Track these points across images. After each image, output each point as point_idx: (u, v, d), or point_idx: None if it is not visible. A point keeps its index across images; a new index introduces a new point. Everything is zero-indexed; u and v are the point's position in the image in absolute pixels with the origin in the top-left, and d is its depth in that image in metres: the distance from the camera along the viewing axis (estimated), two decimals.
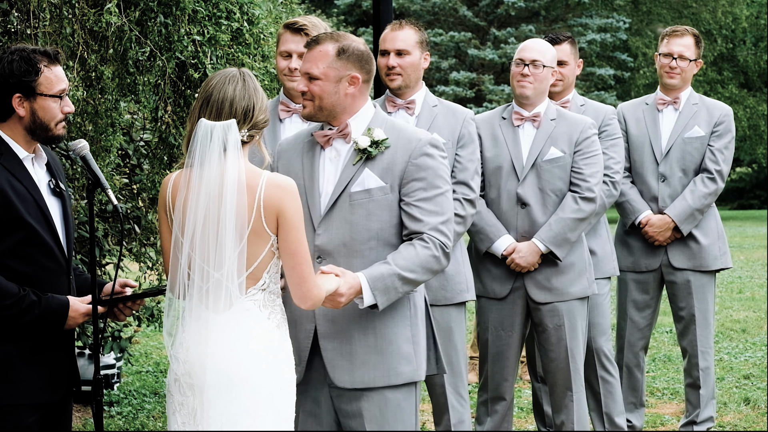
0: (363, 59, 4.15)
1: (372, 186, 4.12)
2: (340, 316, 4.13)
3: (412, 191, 4.12)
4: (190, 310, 3.78)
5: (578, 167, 5.76)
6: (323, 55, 4.11)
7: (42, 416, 4.08)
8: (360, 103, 4.19)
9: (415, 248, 4.09)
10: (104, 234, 7.30)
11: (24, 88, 4.03)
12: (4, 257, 3.98)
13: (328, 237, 4.12)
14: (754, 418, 7.41)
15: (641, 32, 31.64)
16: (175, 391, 3.80)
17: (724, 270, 6.88)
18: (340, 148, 4.19)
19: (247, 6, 5.72)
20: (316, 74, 4.10)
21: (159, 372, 9.25)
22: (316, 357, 4.16)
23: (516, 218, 5.78)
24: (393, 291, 4.05)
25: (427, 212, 4.11)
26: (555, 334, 5.79)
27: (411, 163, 4.12)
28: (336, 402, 4.18)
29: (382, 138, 4.14)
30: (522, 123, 5.82)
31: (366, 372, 4.12)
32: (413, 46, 5.45)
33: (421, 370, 4.20)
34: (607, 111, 6.31)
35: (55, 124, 4.09)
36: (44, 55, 4.07)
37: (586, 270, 5.84)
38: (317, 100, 4.12)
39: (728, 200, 38.10)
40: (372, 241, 4.13)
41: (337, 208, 4.13)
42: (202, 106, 3.77)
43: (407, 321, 4.19)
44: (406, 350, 4.16)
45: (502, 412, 5.93)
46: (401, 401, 4.16)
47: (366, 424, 4.12)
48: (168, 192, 3.83)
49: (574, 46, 6.39)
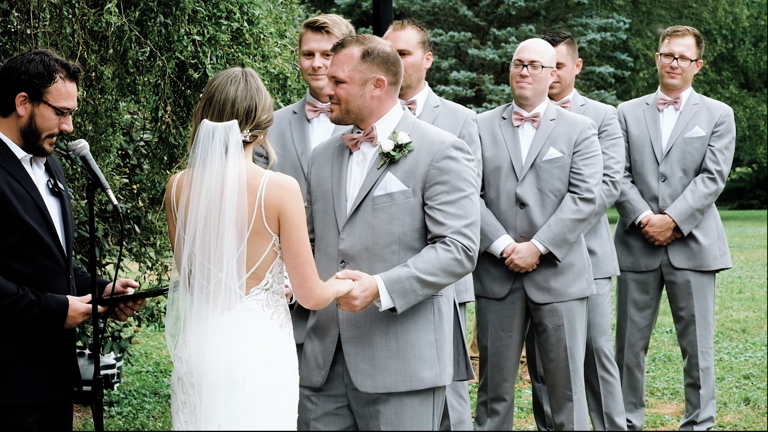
0: (389, 61, 4.14)
1: (394, 190, 4.10)
2: (362, 320, 4.12)
3: (435, 195, 4.10)
4: (194, 310, 3.78)
5: (577, 168, 5.76)
6: (348, 58, 4.10)
7: (42, 416, 4.08)
8: (387, 105, 4.18)
9: (436, 251, 4.06)
10: (104, 234, 7.30)
11: (32, 89, 4.02)
12: (4, 257, 3.98)
13: (351, 241, 4.11)
14: (754, 418, 7.41)
15: (641, 33, 31.63)
16: (178, 390, 3.80)
17: (724, 270, 6.88)
18: (367, 152, 4.18)
19: (247, 6, 5.72)
20: (342, 77, 4.10)
21: (159, 372, 9.25)
22: (340, 360, 4.15)
23: (515, 218, 5.78)
24: (412, 294, 4.02)
25: (450, 216, 4.08)
26: (554, 334, 5.78)
27: (433, 167, 4.10)
28: (353, 403, 4.17)
29: (406, 141, 4.13)
30: (521, 123, 5.82)
31: (387, 377, 4.10)
32: (415, 46, 5.44)
33: (445, 374, 4.16)
34: (607, 111, 6.31)
35: (46, 136, 4.06)
36: (64, 67, 4.06)
37: (585, 270, 5.84)
38: (343, 104, 4.12)
39: (728, 200, 38.10)
40: (394, 245, 4.11)
41: (360, 212, 4.12)
42: (204, 106, 3.78)
43: (430, 326, 4.15)
44: (429, 355, 4.12)
45: (503, 413, 5.93)
46: (417, 405, 4.13)
47: (381, 426, 4.11)
48: (173, 192, 3.84)
49: (571, 46, 6.37)
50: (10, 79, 4.03)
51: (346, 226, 4.12)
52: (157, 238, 7.26)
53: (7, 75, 4.03)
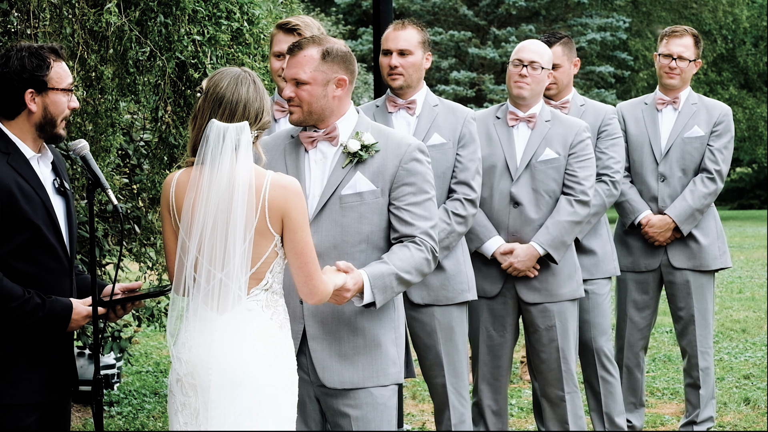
0: (347, 60, 4.16)
1: (364, 189, 4.14)
2: (329, 317, 4.16)
3: (402, 195, 4.16)
4: (194, 311, 3.78)
5: (572, 170, 5.77)
6: (308, 60, 4.10)
7: (41, 416, 4.08)
8: (346, 105, 4.21)
9: (410, 250, 4.13)
10: (104, 234, 7.30)
11: (36, 83, 4.04)
12: (9, 258, 3.98)
13: (318, 239, 4.11)
14: (754, 418, 7.41)
15: (641, 33, 31.63)
16: (177, 391, 3.80)
17: (724, 270, 6.88)
18: (326, 151, 4.20)
19: (247, 6, 5.72)
20: (305, 79, 4.10)
21: (159, 372, 9.25)
22: (303, 357, 4.19)
23: (507, 217, 5.79)
24: (390, 290, 4.09)
25: (417, 216, 4.16)
26: (546, 335, 5.80)
27: (402, 168, 4.16)
28: (323, 401, 4.22)
29: (372, 142, 4.17)
30: (517, 123, 5.83)
31: (355, 372, 4.16)
32: (415, 46, 5.45)
33: (403, 372, 4.28)
34: (607, 110, 6.31)
35: (60, 120, 4.10)
36: (51, 51, 4.10)
37: (575, 272, 5.86)
38: (306, 105, 4.12)
39: (728, 200, 38.10)
40: (362, 244, 4.15)
41: (327, 210, 4.15)
42: (213, 107, 3.77)
43: (392, 324, 4.24)
44: (392, 352, 4.22)
45: (496, 413, 5.92)
46: (387, 401, 4.21)
47: (353, 423, 4.16)
48: (171, 191, 3.83)
49: (568, 46, 6.35)
50: (11, 82, 4.04)
51: (311, 224, 4.12)
52: (157, 238, 7.26)
53: (7, 79, 4.04)
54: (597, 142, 6.20)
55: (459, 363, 5.50)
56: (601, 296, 6.26)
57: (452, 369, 5.48)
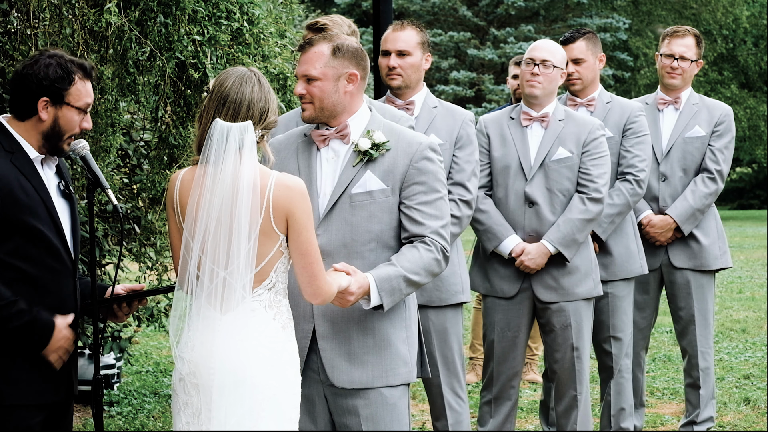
0: (358, 56, 4.15)
1: (374, 188, 4.12)
2: (339, 316, 4.14)
3: (413, 194, 4.13)
4: (197, 310, 3.78)
5: (586, 168, 5.78)
6: (319, 56, 4.10)
7: (45, 417, 4.07)
8: (358, 102, 4.19)
9: (419, 251, 4.10)
10: (104, 234, 7.30)
11: (54, 94, 4.03)
12: (10, 257, 3.97)
13: (327, 238, 4.11)
14: (754, 418, 7.41)
15: (641, 33, 31.64)
16: (179, 390, 3.80)
17: (724, 270, 6.87)
18: (338, 149, 4.19)
19: (247, 6, 5.71)
20: (315, 75, 4.10)
21: (159, 372, 9.25)
22: (313, 356, 4.17)
23: (523, 217, 5.80)
24: (398, 292, 4.07)
25: (428, 216, 4.12)
26: (561, 334, 5.81)
27: (412, 167, 4.13)
28: (331, 400, 4.19)
29: (383, 140, 4.14)
30: (530, 123, 5.84)
31: (365, 372, 4.14)
32: (415, 47, 5.45)
33: (414, 371, 4.24)
34: (633, 107, 6.27)
35: (67, 136, 4.08)
36: (80, 68, 4.08)
37: (592, 271, 5.86)
38: (317, 101, 4.12)
39: (728, 200, 38.09)
40: (372, 243, 4.13)
41: (337, 209, 4.13)
42: (218, 106, 3.77)
43: (403, 323, 4.21)
44: (403, 351, 4.19)
45: (506, 413, 5.95)
46: (397, 401, 4.18)
47: (362, 423, 4.14)
48: (176, 189, 3.83)
49: (592, 41, 6.29)
50: (30, 85, 4.03)
51: (321, 223, 4.12)
52: (157, 238, 7.26)
53: (27, 81, 4.03)
54: (622, 140, 6.18)
55: (455, 364, 5.51)
56: (620, 298, 6.23)
57: (448, 370, 5.49)
